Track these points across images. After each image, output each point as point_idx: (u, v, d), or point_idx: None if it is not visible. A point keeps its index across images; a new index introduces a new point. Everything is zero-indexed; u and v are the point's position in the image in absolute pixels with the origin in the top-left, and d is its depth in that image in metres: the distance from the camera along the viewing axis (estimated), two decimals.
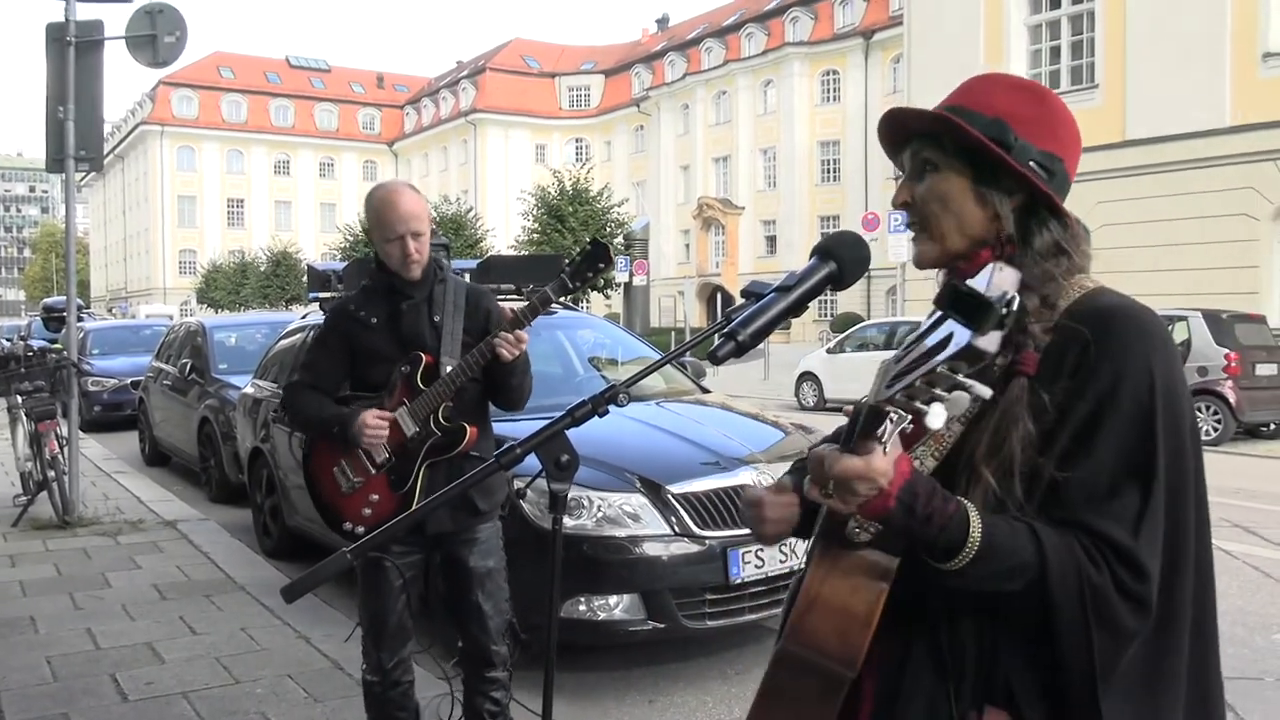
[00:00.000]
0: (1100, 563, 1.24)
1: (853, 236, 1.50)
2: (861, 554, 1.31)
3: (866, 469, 1.19)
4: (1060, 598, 1.24)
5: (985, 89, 1.44)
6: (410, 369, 3.08)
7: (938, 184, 1.41)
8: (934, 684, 1.34)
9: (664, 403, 5.66)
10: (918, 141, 1.44)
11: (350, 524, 3.17)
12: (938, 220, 1.41)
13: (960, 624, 1.33)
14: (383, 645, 3.17)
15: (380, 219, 3.06)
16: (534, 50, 71.40)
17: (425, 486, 3.08)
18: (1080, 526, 1.26)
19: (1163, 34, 19.40)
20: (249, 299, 55.67)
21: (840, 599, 1.29)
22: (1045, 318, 1.34)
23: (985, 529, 1.24)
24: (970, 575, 1.24)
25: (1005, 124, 1.39)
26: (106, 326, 20.34)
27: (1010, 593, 1.25)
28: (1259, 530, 7.74)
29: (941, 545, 1.23)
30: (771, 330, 1.41)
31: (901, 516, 1.22)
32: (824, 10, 50.76)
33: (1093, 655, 1.25)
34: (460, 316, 3.14)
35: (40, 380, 8.07)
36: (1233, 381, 13.34)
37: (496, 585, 3.22)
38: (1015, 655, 1.31)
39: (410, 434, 3.07)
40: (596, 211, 34.27)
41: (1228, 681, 1.54)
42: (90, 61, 7.65)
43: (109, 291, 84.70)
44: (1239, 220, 18.61)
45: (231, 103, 72.98)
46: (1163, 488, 1.28)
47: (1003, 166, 1.38)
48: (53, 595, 5.62)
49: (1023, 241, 1.39)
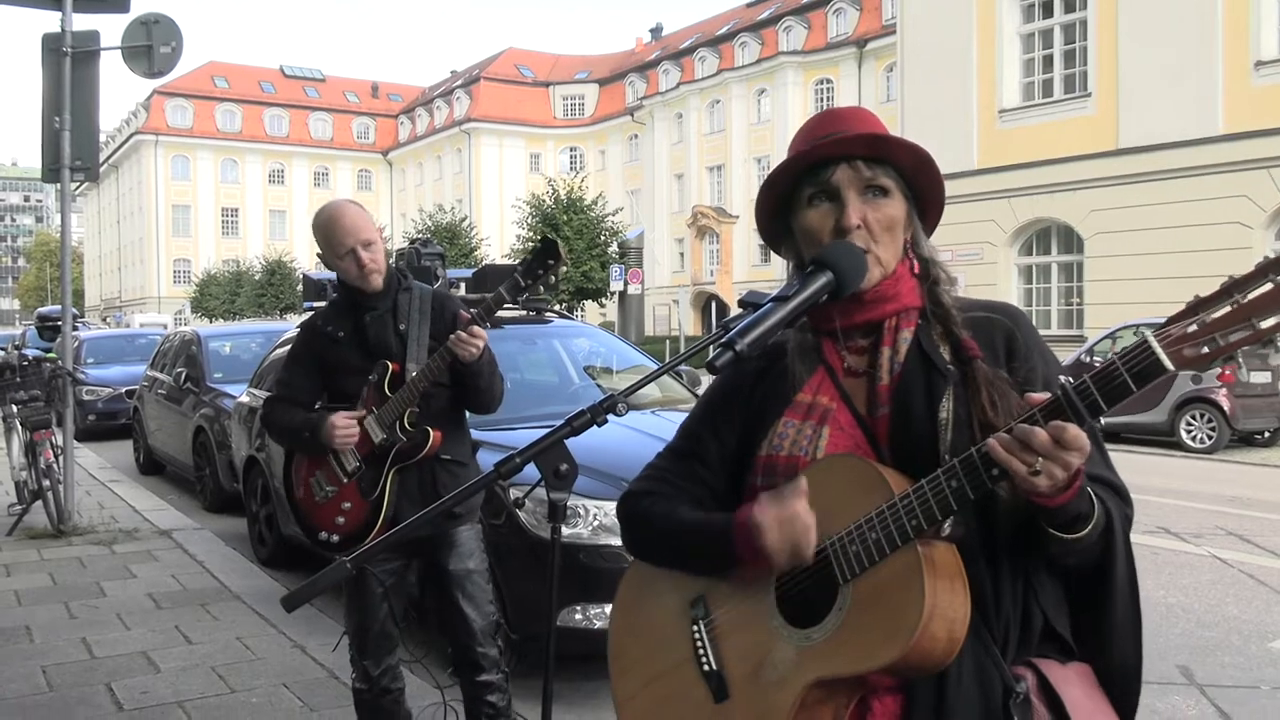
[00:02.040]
0: (1116, 501, 1.41)
1: (849, 245, 1.51)
2: (944, 551, 1.31)
3: (1077, 439, 1.22)
4: (1120, 536, 1.39)
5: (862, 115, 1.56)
6: (378, 377, 3.15)
7: (888, 209, 1.50)
8: (978, 650, 1.35)
9: (660, 411, 5.67)
10: (871, 166, 1.48)
11: (325, 533, 3.23)
12: (885, 246, 1.49)
13: (1001, 586, 1.39)
14: (367, 653, 3.20)
15: (328, 239, 3.12)
16: (528, 59, 71.48)
17: (395, 491, 3.15)
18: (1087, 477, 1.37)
19: (1155, 42, 19.47)
20: (244, 308, 55.59)
21: (945, 600, 1.28)
22: (958, 305, 1.51)
23: (1093, 495, 1.34)
24: (1088, 536, 1.32)
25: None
26: (101, 335, 20.31)
27: (1092, 544, 1.34)
28: (1253, 538, 7.75)
29: (1083, 514, 1.31)
30: (768, 340, 1.42)
31: (1080, 496, 1.29)
32: (817, 20, 50.88)
33: (1132, 568, 1.43)
34: (426, 323, 3.20)
35: (35, 389, 8.07)
36: (1227, 389, 13.37)
37: (478, 587, 3.24)
38: (1048, 596, 1.43)
39: (377, 440, 3.13)
40: (591, 220, 34.30)
41: (1224, 690, 1.63)
42: (86, 72, 7.66)
43: (104, 301, 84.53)
44: (1232, 228, 18.66)
45: (226, 112, 72.95)
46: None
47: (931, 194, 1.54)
48: (48, 604, 5.60)
49: (919, 244, 1.55)
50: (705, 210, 51.93)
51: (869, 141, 1.49)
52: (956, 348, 1.44)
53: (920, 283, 1.51)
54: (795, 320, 1.44)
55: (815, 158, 1.50)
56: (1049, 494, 1.25)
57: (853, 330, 1.51)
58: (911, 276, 1.52)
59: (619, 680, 1.61)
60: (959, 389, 1.41)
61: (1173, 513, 8.54)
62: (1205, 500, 9.42)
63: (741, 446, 1.56)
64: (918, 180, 1.51)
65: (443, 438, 3.17)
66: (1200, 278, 20.52)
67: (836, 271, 1.42)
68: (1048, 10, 22.09)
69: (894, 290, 1.49)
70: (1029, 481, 1.23)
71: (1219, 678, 4.68)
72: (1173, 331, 1.17)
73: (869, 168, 1.47)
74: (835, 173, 1.48)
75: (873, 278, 1.47)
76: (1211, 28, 18.93)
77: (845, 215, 1.46)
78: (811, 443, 1.46)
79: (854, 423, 1.46)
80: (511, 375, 6.22)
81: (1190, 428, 13.66)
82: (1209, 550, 7.28)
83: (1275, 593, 6.20)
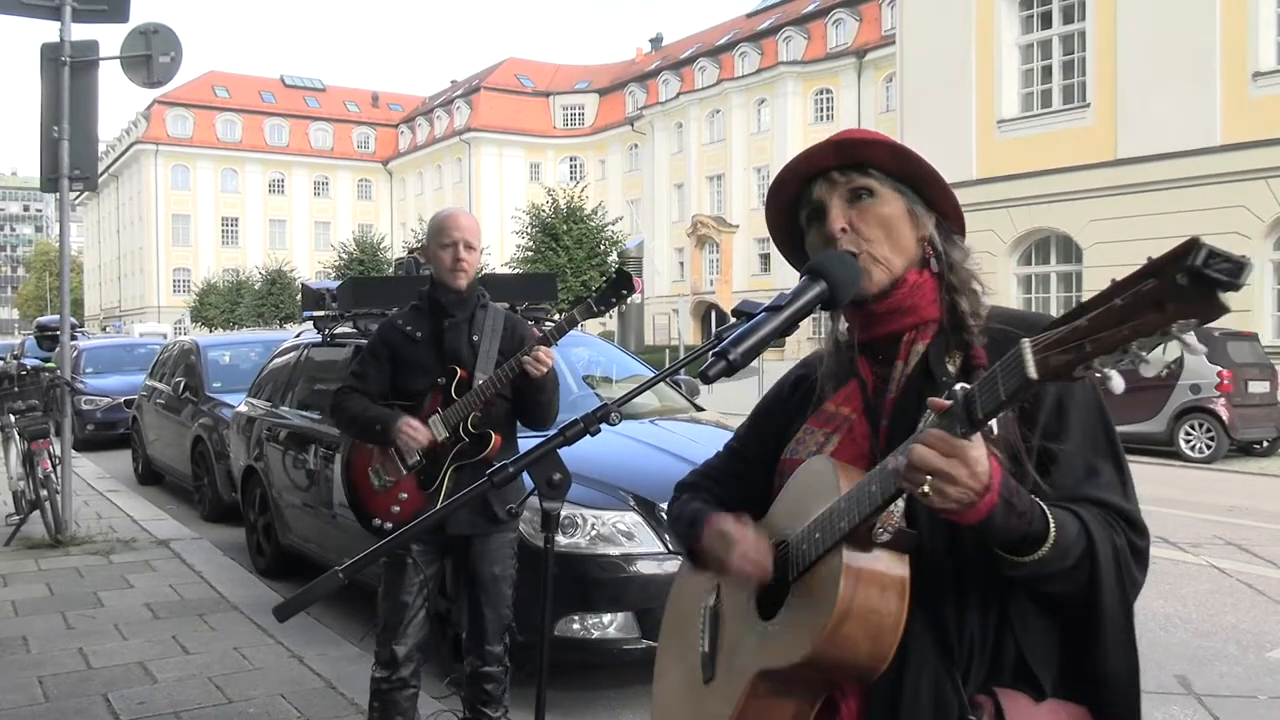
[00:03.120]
0: (1116, 527, 1.34)
1: (842, 256, 1.51)
2: (882, 557, 1.30)
3: (974, 457, 1.17)
4: (1105, 565, 1.30)
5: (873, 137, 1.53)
6: (446, 381, 3.41)
7: (878, 208, 1.48)
8: (939, 674, 1.34)
9: (658, 420, 5.68)
10: (845, 173, 1.49)
11: (380, 519, 3.45)
12: (881, 244, 1.47)
13: (966, 609, 1.36)
14: (398, 638, 3.38)
15: (439, 227, 3.44)
16: (528, 69, 71.65)
17: (450, 487, 3.37)
18: (1084, 500, 1.33)
19: (1154, 53, 19.52)
20: (243, 318, 55.61)
21: (869, 605, 1.28)
22: (979, 321, 1.45)
23: (1056, 517, 1.28)
24: (1046, 560, 1.27)
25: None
26: (100, 345, 20.29)
27: (1066, 571, 1.29)
28: (1252, 548, 7.75)
29: (1031, 537, 1.26)
30: (762, 350, 1.42)
31: (1004, 513, 1.22)
32: (817, 30, 51.02)
33: (1130, 608, 1.35)
34: (497, 339, 3.47)
35: (33, 399, 8.05)
36: (1225, 399, 13.37)
37: (500, 592, 3.46)
38: (1028, 629, 1.37)
39: (440, 438, 3.37)
40: (591, 230, 34.30)
41: (1222, 700, 1.60)
42: (85, 81, 7.67)
43: (103, 310, 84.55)
44: (1230, 238, 18.67)
45: (226, 122, 73.09)
46: (1124, 461, 1.41)
47: (930, 191, 1.50)
48: (45, 615, 5.59)
49: (946, 256, 1.50)
50: (705, 220, 52.01)
51: (835, 148, 1.50)
52: (965, 360, 1.42)
53: (940, 292, 1.49)
54: (789, 330, 1.45)
55: (785, 178, 1.55)
56: (954, 511, 1.21)
57: (875, 344, 1.52)
58: (932, 286, 1.49)
59: (659, 656, 1.72)
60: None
61: (1171, 522, 8.53)
62: (1204, 510, 9.41)
63: (778, 449, 1.60)
64: (905, 173, 1.49)
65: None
66: None
67: (829, 280, 1.42)
68: (1046, 21, 22.15)
69: (910, 302, 1.48)
70: (926, 499, 1.19)
71: (1217, 687, 4.67)
72: (1045, 338, 1.07)
73: (845, 174, 1.48)
74: (816, 189, 1.50)
75: (876, 279, 1.46)
76: (1210, 39, 18.98)
77: (828, 222, 1.48)
78: (820, 449, 1.48)
79: (868, 434, 1.47)
80: None
81: (1189, 437, 13.66)
82: (1207, 560, 7.28)
83: (1274, 602, 6.19)
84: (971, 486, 1.18)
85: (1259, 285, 18.84)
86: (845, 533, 1.30)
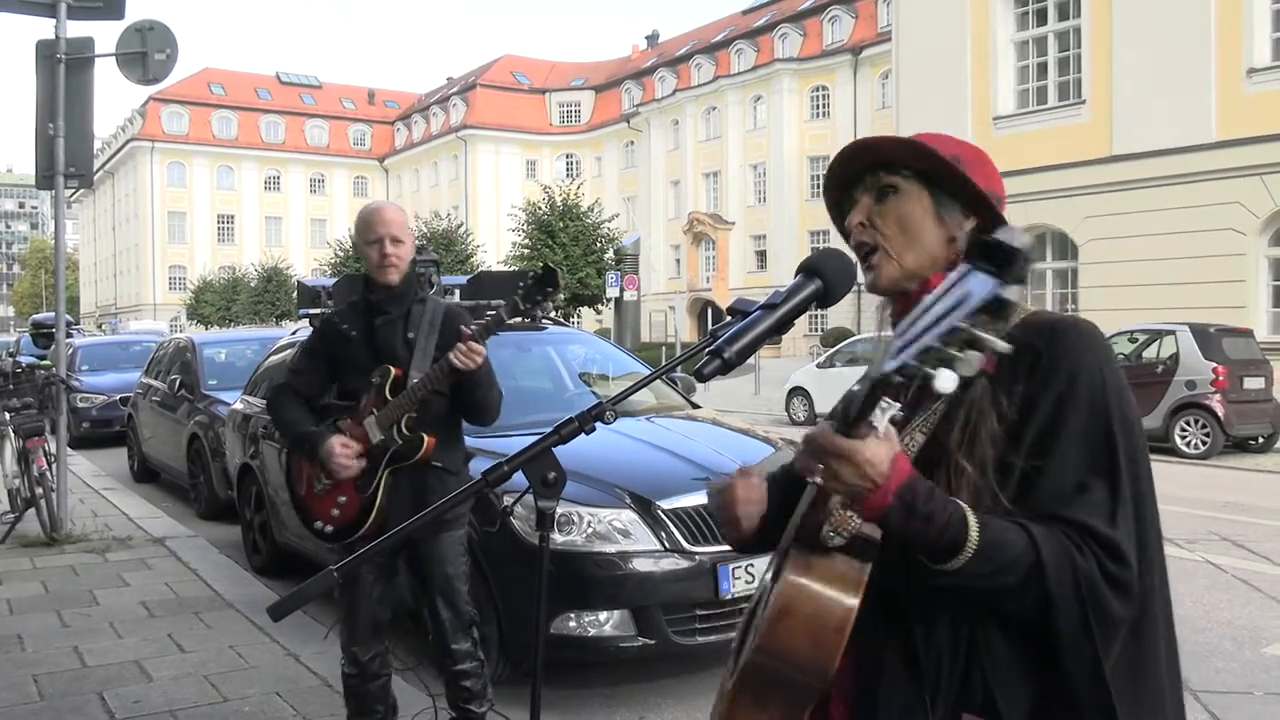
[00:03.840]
0: (1085, 551, 1.26)
1: (837, 254, 1.52)
2: (834, 560, 1.30)
3: (854, 451, 1.20)
4: (1056, 588, 1.25)
5: (935, 139, 1.51)
6: (380, 381, 3.34)
7: (900, 204, 1.46)
8: (909, 693, 1.34)
9: (654, 418, 5.67)
10: (875, 172, 1.49)
11: (321, 523, 3.44)
12: (897, 240, 1.46)
13: (936, 630, 1.34)
14: (356, 639, 3.44)
15: (364, 224, 3.38)
16: (524, 66, 71.56)
17: (388, 490, 3.33)
18: (1060, 520, 1.28)
19: (1148, 50, 19.54)
20: (239, 315, 55.54)
21: (813, 606, 1.27)
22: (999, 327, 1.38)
23: (982, 526, 1.25)
24: (969, 573, 1.25)
25: (960, 157, 1.46)
26: (96, 342, 20.26)
27: (1007, 588, 1.26)
28: (1247, 544, 7.77)
29: (944, 545, 1.24)
30: (757, 348, 1.43)
31: (901, 515, 1.23)
32: (813, 27, 50.99)
33: (1094, 639, 1.27)
34: (435, 335, 3.40)
35: (28, 397, 8.03)
36: (1221, 395, 13.40)
37: (456, 591, 3.47)
38: (995, 659, 1.32)
39: (375, 441, 3.32)
40: (587, 227, 34.29)
41: (1217, 696, 1.55)
42: (80, 79, 7.64)
43: (98, 307, 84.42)
44: (1225, 235, 18.72)
45: (222, 119, 72.96)
46: (1127, 481, 1.31)
47: (963, 192, 1.45)
48: (40, 613, 5.58)
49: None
50: (701, 217, 51.99)
51: (856, 150, 1.50)
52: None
53: None
54: (783, 327, 1.45)
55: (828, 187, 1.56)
56: (854, 505, 1.25)
57: None
58: None
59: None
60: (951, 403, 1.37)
61: (1167, 518, 8.42)
62: (1199, 506, 9.43)
63: None
64: (930, 171, 1.46)
65: (436, 444, 3.34)
66: (1194, 284, 20.54)
67: (823, 277, 1.43)
68: (1042, 18, 22.17)
69: (913, 300, 1.44)
70: (827, 488, 1.24)
71: (1212, 683, 4.68)
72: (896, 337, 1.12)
73: (874, 174, 1.48)
74: (857, 190, 1.51)
75: (884, 274, 1.46)
76: (1204, 35, 19.00)
77: (850, 216, 1.49)
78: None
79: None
80: (506, 382, 6.19)
81: (1185, 433, 13.68)
82: (1203, 556, 7.29)
83: (1269, 598, 6.20)
84: (858, 483, 1.21)
85: (1253, 282, 18.87)
86: (796, 531, 1.31)
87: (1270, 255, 18.96)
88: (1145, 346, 14.56)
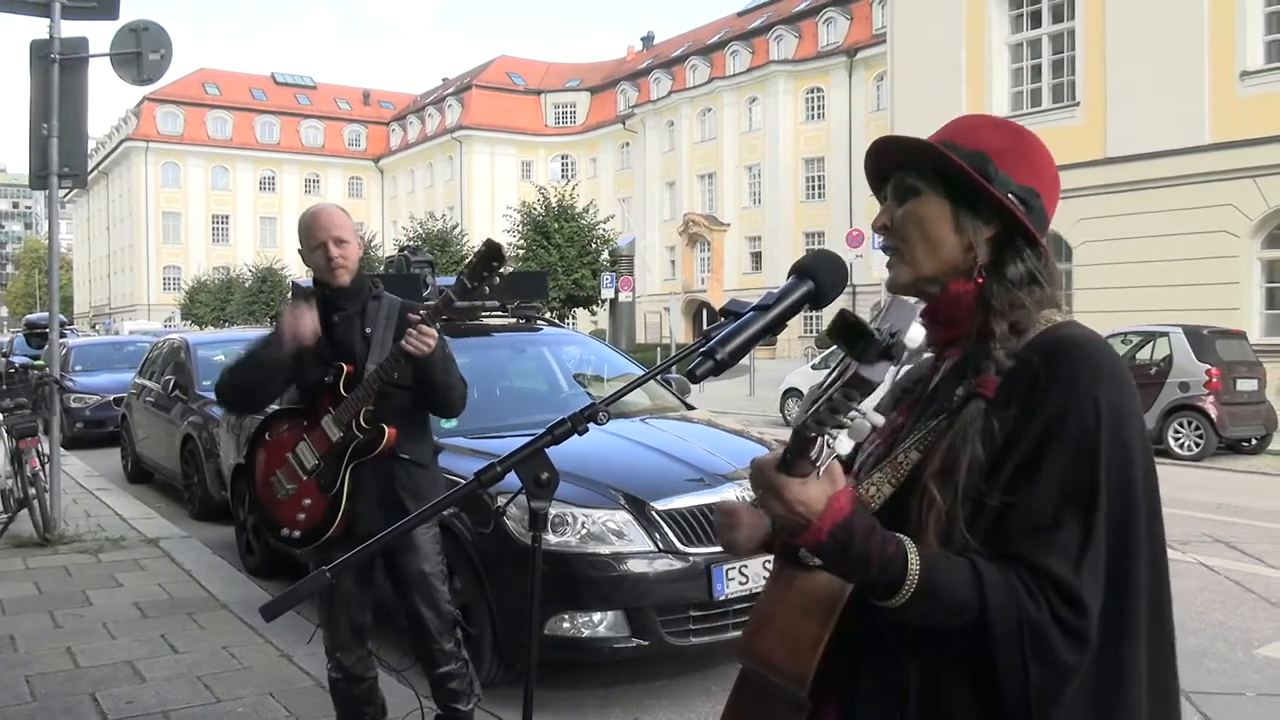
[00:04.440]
0: (1040, 599, 1.24)
1: (830, 255, 1.51)
2: (814, 576, 1.31)
3: (782, 488, 1.22)
4: (1000, 634, 1.24)
5: (969, 125, 1.48)
6: (333, 378, 3.29)
7: (918, 208, 1.44)
8: (881, 715, 1.35)
9: (649, 419, 5.67)
10: (901, 171, 1.47)
11: (287, 529, 3.37)
12: (913, 244, 1.44)
13: (905, 655, 1.34)
14: (338, 644, 3.40)
15: (306, 231, 3.32)
16: (520, 68, 71.52)
17: (352, 487, 3.28)
18: (1022, 561, 1.25)
19: (1142, 52, 19.59)
20: (234, 315, 55.44)
21: (791, 619, 1.30)
22: (1011, 344, 1.35)
23: (924, 569, 1.23)
24: (911, 612, 1.25)
25: (987, 156, 1.42)
26: (89, 343, 20.22)
27: (950, 629, 1.26)
28: (1240, 545, 7.79)
29: (881, 585, 1.24)
30: (749, 349, 1.43)
31: (836, 553, 1.23)
32: (808, 29, 51.03)
33: (1029, 689, 1.25)
34: (391, 330, 3.33)
35: (22, 397, 8.01)
36: (1214, 397, 13.43)
37: (434, 589, 3.42)
38: (958, 685, 1.31)
39: (334, 438, 3.27)
40: (582, 228, 34.25)
41: (1209, 697, 1.55)
42: (75, 79, 7.63)
43: (92, 308, 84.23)
44: (1219, 237, 18.77)
45: (217, 119, 72.82)
46: (1104, 519, 1.27)
47: (982, 196, 1.41)
48: (33, 614, 5.57)
49: (996, 270, 1.41)
50: (696, 218, 52.00)
51: (885, 147, 1.49)
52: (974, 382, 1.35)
53: (976, 307, 1.40)
54: (776, 328, 1.45)
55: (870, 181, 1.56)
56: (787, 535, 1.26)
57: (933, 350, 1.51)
58: (972, 299, 1.41)
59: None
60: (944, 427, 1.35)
61: None
62: (1192, 507, 9.45)
63: None
64: (951, 174, 1.41)
65: (399, 436, 3.29)
66: (1187, 286, 20.55)
67: (815, 279, 1.43)
68: (1036, 20, 22.21)
69: (949, 313, 1.43)
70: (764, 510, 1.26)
71: (1205, 684, 4.68)
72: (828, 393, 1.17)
73: (899, 174, 1.47)
74: (886, 188, 1.51)
75: (898, 279, 1.46)
76: (1198, 38, 19.05)
77: (876, 217, 1.50)
78: (868, 456, 1.48)
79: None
80: (501, 383, 6.24)
81: (1178, 435, 13.71)
82: (1195, 557, 7.31)
83: (1261, 599, 6.22)
84: (789, 518, 1.23)
85: (1247, 284, 18.92)
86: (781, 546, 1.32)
87: (1263, 257, 19.01)
88: (1139, 348, 14.58)
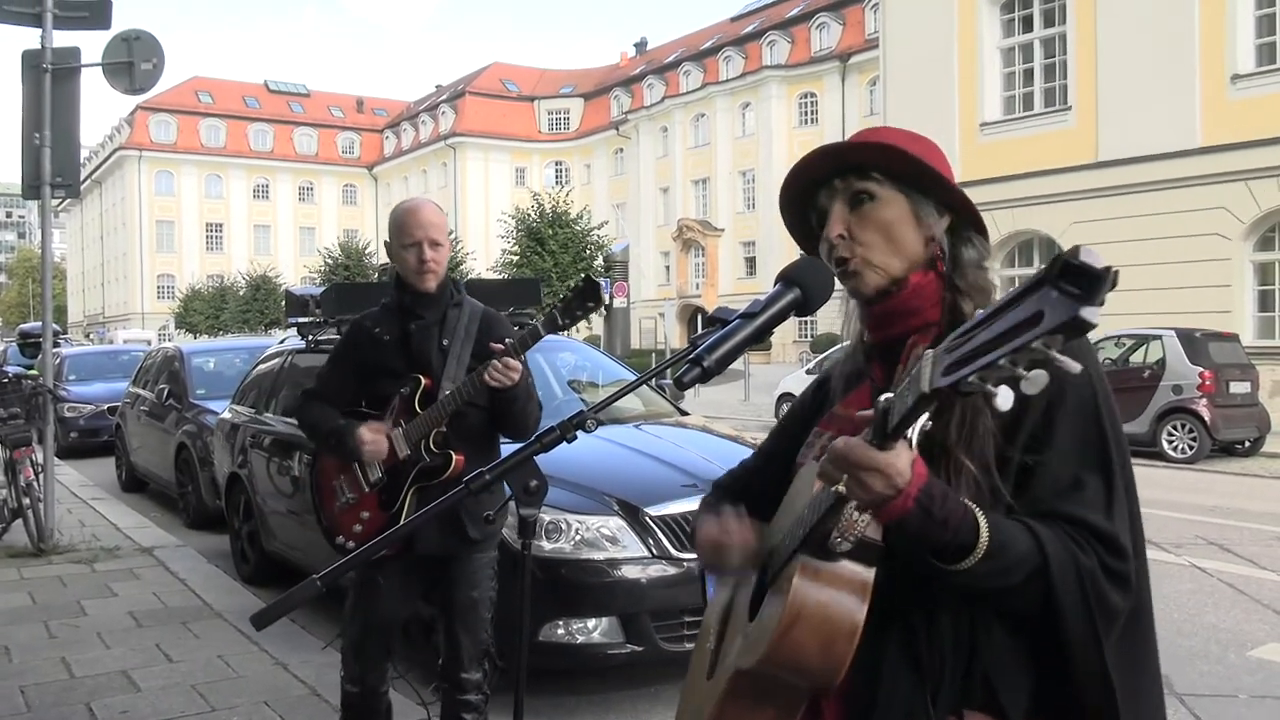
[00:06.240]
0: (1087, 548, 1.29)
1: (816, 262, 1.52)
2: (841, 565, 1.30)
3: (887, 465, 1.19)
4: (1061, 585, 1.27)
5: (887, 134, 1.51)
6: (409, 391, 3.13)
7: (878, 211, 1.46)
8: (911, 689, 1.34)
9: (642, 425, 5.68)
10: (844, 178, 1.47)
11: (343, 538, 3.25)
12: (880, 248, 1.45)
13: (938, 626, 1.35)
14: (365, 656, 3.23)
15: (400, 225, 3.13)
16: (513, 74, 71.60)
17: (412, 509, 3.12)
18: (1058, 516, 1.30)
19: (1134, 56, 19.64)
20: (228, 324, 55.35)
21: (824, 614, 1.28)
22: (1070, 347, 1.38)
23: (992, 528, 1.26)
24: (979, 573, 1.26)
25: (923, 156, 1.46)
26: (83, 352, 20.19)
27: (1012, 587, 1.28)
28: (1233, 547, 7.81)
29: (955, 547, 1.25)
30: (737, 356, 1.44)
31: (919, 519, 1.23)
32: (800, 34, 51.17)
33: (1098, 635, 1.29)
34: (470, 343, 3.17)
35: (15, 406, 8.00)
36: (1207, 399, 13.47)
37: (478, 616, 3.25)
38: (996, 651, 1.34)
39: (402, 455, 3.12)
40: (576, 234, 34.29)
41: (1202, 699, 1.57)
42: (67, 88, 7.63)
43: (86, 317, 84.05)
44: (1211, 240, 18.81)
45: (210, 127, 72.77)
46: (1120, 474, 1.34)
47: (936, 190, 1.45)
48: (27, 624, 5.56)
49: (954, 257, 1.46)
50: (691, 223, 52.06)
51: (830, 155, 1.49)
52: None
53: (943, 293, 1.44)
54: (762, 336, 1.46)
55: (789, 186, 1.53)
56: (873, 511, 1.24)
57: (885, 346, 1.50)
58: (936, 287, 1.45)
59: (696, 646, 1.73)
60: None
61: (1153, 522, 8.59)
62: (1186, 510, 9.47)
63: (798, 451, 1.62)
64: (905, 172, 1.45)
65: (466, 462, 3.10)
66: (1180, 289, 20.54)
67: (802, 287, 1.44)
68: (1028, 25, 22.26)
69: (913, 305, 1.45)
70: (850, 496, 1.23)
71: (1197, 686, 4.70)
72: (944, 351, 1.08)
73: (844, 179, 1.47)
74: (821, 196, 1.50)
75: (869, 283, 1.46)
76: (1189, 42, 19.11)
77: (828, 228, 1.47)
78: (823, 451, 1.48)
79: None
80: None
81: (1171, 438, 13.74)
82: (1189, 560, 7.33)
83: (1254, 602, 6.24)
84: (886, 493, 1.21)
85: (1239, 287, 18.96)
86: (802, 539, 1.31)
87: (1255, 260, 19.06)
88: (1132, 351, 14.62)
